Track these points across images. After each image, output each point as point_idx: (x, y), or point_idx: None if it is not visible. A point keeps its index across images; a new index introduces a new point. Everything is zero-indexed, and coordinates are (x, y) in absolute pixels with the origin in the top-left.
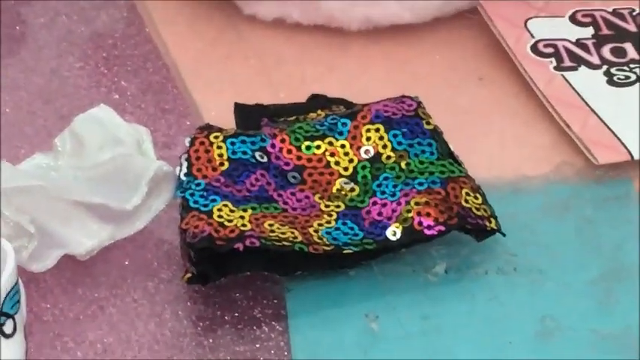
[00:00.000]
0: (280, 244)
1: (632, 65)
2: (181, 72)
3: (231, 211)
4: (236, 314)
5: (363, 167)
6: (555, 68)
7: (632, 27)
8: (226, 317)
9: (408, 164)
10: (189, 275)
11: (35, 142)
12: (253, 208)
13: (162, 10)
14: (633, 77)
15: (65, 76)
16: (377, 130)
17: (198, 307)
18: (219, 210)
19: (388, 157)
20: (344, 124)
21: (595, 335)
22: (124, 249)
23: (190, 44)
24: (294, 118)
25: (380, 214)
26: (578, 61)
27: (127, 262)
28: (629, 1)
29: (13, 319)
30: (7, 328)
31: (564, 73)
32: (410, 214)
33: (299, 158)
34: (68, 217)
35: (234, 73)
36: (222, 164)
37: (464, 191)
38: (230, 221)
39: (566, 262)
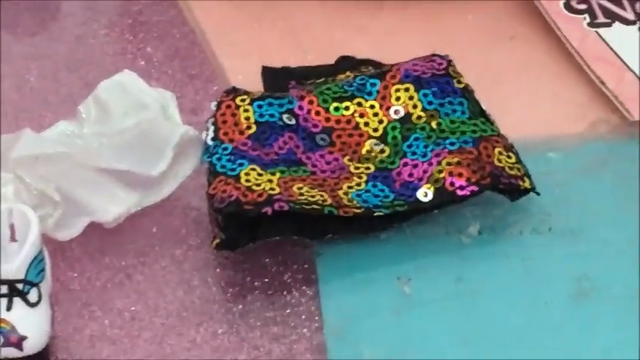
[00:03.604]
0: (310, 207)
1: None
2: (207, 37)
3: (259, 174)
4: (266, 280)
5: (393, 128)
6: (589, 25)
7: None
8: (256, 283)
9: (438, 124)
10: (217, 241)
11: (60, 110)
12: (282, 172)
13: None
14: None
15: (90, 44)
16: (407, 89)
17: (227, 274)
18: (247, 174)
19: (419, 117)
20: (373, 85)
21: (632, 294)
22: (151, 216)
23: (216, 8)
24: (322, 80)
25: (411, 175)
26: (613, 17)
27: (154, 230)
28: None
29: (38, 288)
30: (32, 296)
31: (598, 30)
32: (441, 175)
33: (327, 120)
34: (94, 184)
35: (261, 36)
36: (249, 127)
37: (496, 150)
38: (258, 185)
39: (603, 220)
